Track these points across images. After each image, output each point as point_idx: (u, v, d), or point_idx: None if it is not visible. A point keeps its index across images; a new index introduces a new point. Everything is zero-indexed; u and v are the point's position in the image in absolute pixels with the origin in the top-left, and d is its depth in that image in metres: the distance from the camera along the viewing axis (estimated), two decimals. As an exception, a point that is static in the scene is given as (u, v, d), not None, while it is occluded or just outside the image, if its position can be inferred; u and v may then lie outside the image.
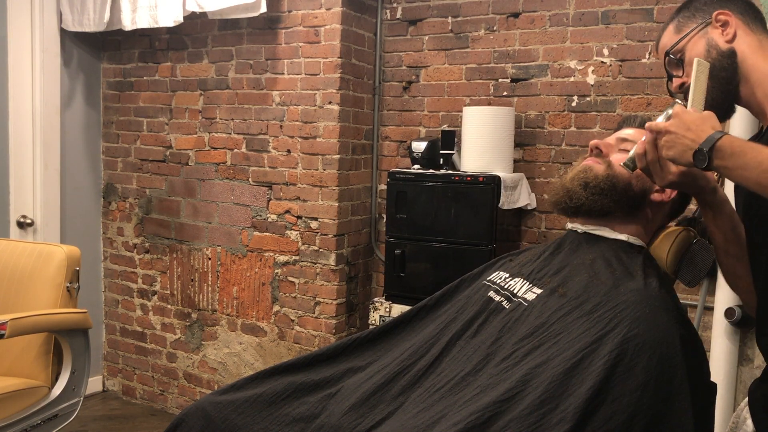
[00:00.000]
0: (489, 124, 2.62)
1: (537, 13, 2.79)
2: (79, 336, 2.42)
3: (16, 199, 3.33)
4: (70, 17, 3.30)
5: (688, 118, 1.12)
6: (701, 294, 2.51)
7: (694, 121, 1.11)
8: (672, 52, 1.28)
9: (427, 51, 3.03)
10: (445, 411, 1.15)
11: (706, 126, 1.10)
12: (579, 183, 1.36)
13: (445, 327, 1.39)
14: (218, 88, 3.23)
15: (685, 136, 1.11)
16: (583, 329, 1.15)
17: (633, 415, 1.05)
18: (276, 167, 3.09)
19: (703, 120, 1.11)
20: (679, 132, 1.11)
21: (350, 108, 2.98)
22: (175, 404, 3.46)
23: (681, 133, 1.11)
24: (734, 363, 2.43)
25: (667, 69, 1.31)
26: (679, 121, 1.12)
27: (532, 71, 2.81)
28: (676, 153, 1.12)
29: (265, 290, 3.16)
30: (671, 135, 1.13)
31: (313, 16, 2.93)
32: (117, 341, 3.65)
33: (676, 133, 1.12)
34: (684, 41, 1.27)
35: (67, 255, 2.46)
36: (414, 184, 2.68)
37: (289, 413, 1.31)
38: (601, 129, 2.69)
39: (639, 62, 2.61)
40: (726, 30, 1.23)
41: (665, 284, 1.28)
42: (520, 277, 1.38)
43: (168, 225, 3.43)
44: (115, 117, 3.58)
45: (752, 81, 1.22)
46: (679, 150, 1.11)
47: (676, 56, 1.28)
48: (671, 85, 1.31)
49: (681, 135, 1.11)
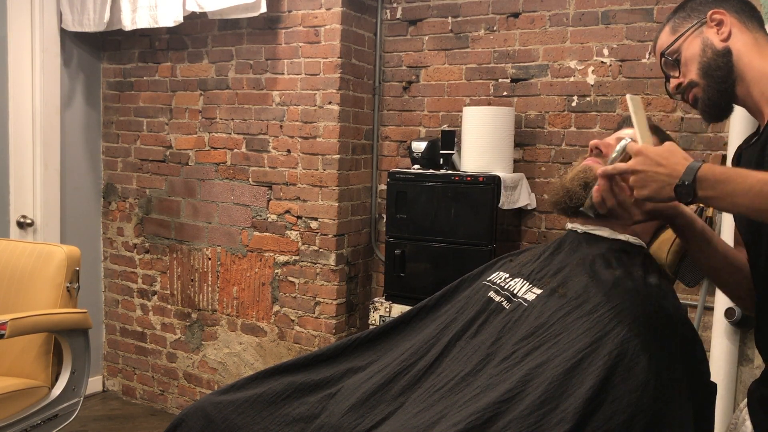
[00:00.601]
0: (489, 124, 2.62)
1: (537, 13, 2.79)
2: (79, 336, 2.42)
3: (16, 199, 3.33)
4: (70, 17, 3.30)
5: (654, 153, 1.07)
6: (701, 294, 2.51)
7: (661, 154, 1.06)
8: (668, 53, 1.28)
9: (427, 51, 3.03)
10: (445, 411, 1.15)
11: (678, 157, 1.05)
12: (579, 183, 1.36)
13: (446, 327, 1.39)
14: (218, 88, 3.23)
15: (657, 172, 1.05)
16: (583, 329, 1.15)
17: (633, 415, 1.05)
18: (276, 167, 3.09)
19: (671, 152, 1.07)
20: (650, 169, 1.06)
21: (350, 108, 2.98)
22: (175, 404, 3.46)
23: (652, 170, 1.06)
24: (734, 363, 2.43)
25: (664, 70, 1.30)
26: (644, 158, 1.07)
27: (532, 71, 2.81)
28: (652, 191, 1.07)
29: (265, 290, 3.16)
30: (641, 174, 1.07)
31: (313, 16, 2.93)
32: (117, 341, 3.65)
33: (646, 171, 1.06)
34: (680, 41, 1.26)
35: (67, 255, 2.46)
36: (414, 184, 2.68)
37: (289, 413, 1.31)
38: (601, 129, 2.69)
39: (639, 62, 2.61)
40: (721, 29, 1.22)
41: (665, 284, 1.28)
42: (520, 277, 1.38)
43: (168, 225, 3.43)
44: (115, 117, 3.58)
45: (748, 79, 1.21)
46: (655, 188, 1.06)
47: (672, 57, 1.27)
48: (669, 86, 1.30)
49: (653, 172, 1.06)
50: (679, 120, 2.56)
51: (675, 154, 1.06)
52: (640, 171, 1.07)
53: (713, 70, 1.21)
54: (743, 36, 1.22)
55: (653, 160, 1.06)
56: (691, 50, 1.24)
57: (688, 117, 2.54)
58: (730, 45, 1.21)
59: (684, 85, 1.26)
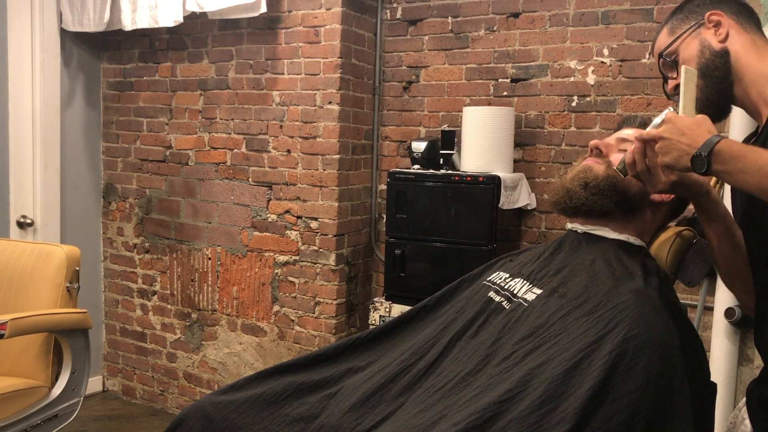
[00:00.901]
0: (489, 124, 2.62)
1: (537, 13, 2.79)
2: (79, 336, 2.42)
3: (16, 199, 3.33)
4: (70, 17, 3.30)
5: (681, 123, 1.11)
6: (701, 294, 2.51)
7: (688, 125, 1.10)
8: (666, 53, 1.28)
9: (427, 51, 3.03)
10: (445, 411, 1.15)
11: (702, 130, 1.09)
12: (579, 183, 1.36)
13: (446, 327, 1.39)
14: (218, 88, 3.23)
15: (680, 141, 1.09)
16: (583, 329, 1.15)
17: (633, 416, 1.05)
18: (276, 167, 3.09)
19: (698, 124, 1.10)
20: (674, 138, 1.10)
21: (350, 108, 2.98)
22: (175, 404, 3.46)
23: (675, 138, 1.10)
24: (734, 363, 2.43)
25: (662, 71, 1.31)
26: (672, 126, 1.11)
27: (532, 71, 2.81)
28: (672, 159, 1.11)
29: (265, 290, 3.16)
30: (665, 141, 1.11)
31: (313, 16, 2.93)
32: (117, 341, 3.65)
33: (670, 139, 1.10)
34: (677, 42, 1.27)
35: (67, 255, 2.46)
36: (414, 184, 2.68)
37: (289, 413, 1.31)
38: (601, 129, 2.69)
39: (639, 62, 2.61)
40: (719, 30, 1.23)
41: (665, 284, 1.28)
42: (520, 277, 1.38)
43: (168, 225, 3.44)
44: (115, 117, 3.58)
45: (746, 81, 1.21)
46: (675, 156, 1.10)
47: (670, 58, 1.28)
48: (667, 87, 1.31)
49: (676, 141, 1.10)
50: (679, 120, 2.56)
51: (701, 126, 1.10)
52: (665, 138, 1.11)
53: (711, 70, 1.22)
54: (741, 37, 1.23)
55: (679, 129, 1.10)
56: (689, 51, 1.25)
57: (688, 117, 2.54)
58: (727, 46, 1.22)
59: None
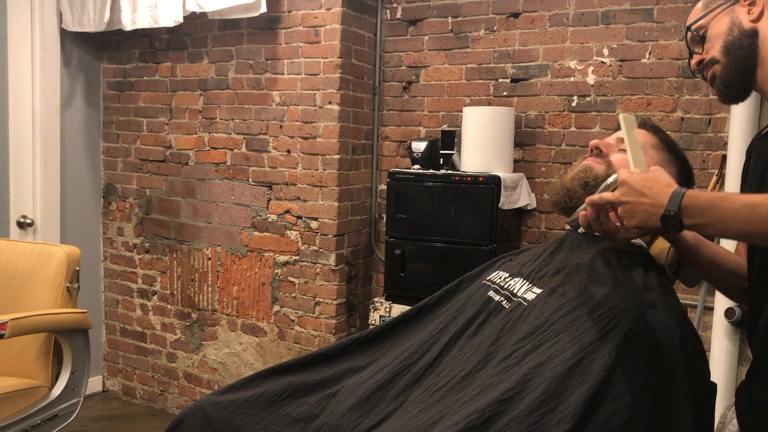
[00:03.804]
0: (489, 124, 2.62)
1: (537, 13, 2.79)
2: (79, 336, 2.42)
3: (16, 199, 3.33)
4: (70, 17, 3.30)
5: (637, 184, 1.05)
6: (701, 294, 2.51)
7: (645, 183, 1.04)
8: (694, 27, 1.23)
9: (427, 51, 3.03)
10: (445, 411, 1.15)
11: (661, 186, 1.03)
12: (579, 183, 1.36)
13: (445, 327, 1.39)
14: (218, 88, 3.23)
15: (641, 203, 1.04)
16: (583, 329, 1.15)
17: (633, 416, 1.05)
18: (276, 167, 3.09)
19: (655, 180, 1.04)
20: (634, 200, 1.05)
21: (350, 108, 2.98)
22: (175, 404, 3.46)
23: (636, 200, 1.04)
24: (734, 363, 2.43)
25: (689, 45, 1.25)
26: (628, 188, 1.06)
27: (532, 71, 2.81)
28: (639, 222, 1.05)
29: (265, 290, 3.16)
30: (627, 205, 1.06)
31: (313, 16, 2.93)
32: (117, 341, 3.65)
33: (631, 203, 1.05)
34: (709, 17, 1.22)
35: (67, 255, 2.46)
36: (414, 184, 2.68)
37: (289, 413, 1.31)
38: (601, 129, 2.69)
39: (639, 62, 2.61)
40: (753, 9, 1.18)
41: (665, 284, 1.28)
42: (519, 276, 1.38)
43: (168, 225, 3.44)
44: (115, 117, 3.58)
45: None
46: (642, 218, 1.05)
47: (699, 33, 1.23)
48: (692, 61, 1.26)
49: (637, 203, 1.04)
50: (679, 120, 2.56)
51: (659, 182, 1.04)
52: (625, 202, 1.06)
53: (736, 49, 1.18)
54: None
55: (637, 190, 1.05)
56: (718, 27, 1.21)
57: (688, 117, 2.54)
58: (758, 26, 1.17)
59: (705, 62, 1.23)
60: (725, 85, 1.20)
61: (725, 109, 2.45)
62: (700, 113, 2.53)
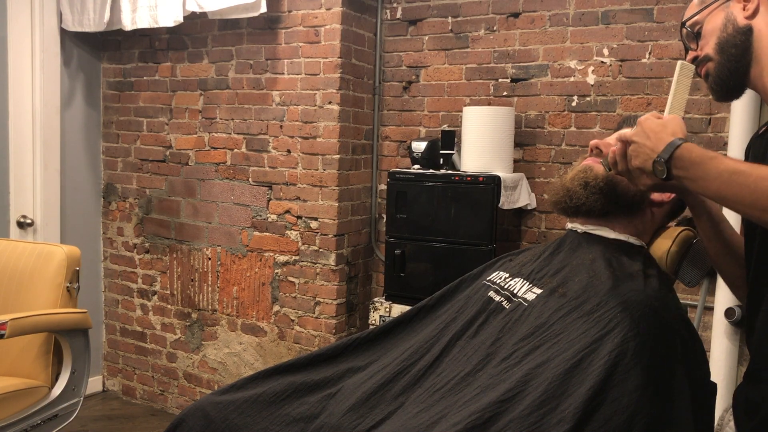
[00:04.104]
0: (489, 124, 2.62)
1: (537, 13, 2.79)
2: (79, 336, 2.42)
3: (16, 199, 3.33)
4: (70, 17, 3.30)
5: (648, 126, 1.08)
6: (701, 294, 2.51)
7: (654, 128, 1.07)
8: (689, 23, 1.23)
9: (427, 51, 3.03)
10: (445, 411, 1.15)
11: (665, 133, 1.05)
12: (579, 183, 1.36)
13: (445, 327, 1.39)
14: (218, 88, 3.23)
15: (645, 144, 1.07)
16: (583, 329, 1.15)
17: (633, 416, 1.05)
18: (276, 167, 3.09)
19: (663, 126, 1.07)
20: (640, 141, 1.08)
21: (350, 108, 2.98)
22: (175, 404, 3.46)
23: (642, 141, 1.08)
24: (734, 363, 2.43)
25: (684, 41, 1.25)
26: (640, 129, 1.09)
27: (532, 71, 2.81)
28: (640, 162, 1.08)
29: (265, 290, 3.16)
30: (635, 145, 1.09)
31: (313, 16, 2.93)
32: (117, 341, 3.65)
33: (638, 143, 1.08)
34: (704, 13, 1.21)
35: (67, 255, 2.46)
36: (414, 184, 2.68)
37: (289, 413, 1.31)
38: (601, 129, 2.69)
39: (639, 62, 2.61)
40: (747, 5, 1.17)
41: (665, 284, 1.28)
42: (520, 277, 1.38)
43: (168, 225, 3.44)
44: (115, 117, 3.58)
45: (763, 62, 1.15)
46: (643, 159, 1.08)
47: (693, 29, 1.22)
48: (687, 58, 1.26)
49: (642, 144, 1.07)
50: (679, 120, 2.56)
51: (665, 129, 1.06)
52: (634, 141, 1.09)
53: (729, 47, 1.17)
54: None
55: (645, 132, 1.08)
56: (712, 23, 1.20)
57: (688, 117, 2.54)
58: (753, 23, 1.16)
59: (699, 59, 1.22)
60: (718, 83, 1.19)
61: (725, 108, 2.45)
62: (700, 113, 2.53)
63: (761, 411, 1.14)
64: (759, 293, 1.17)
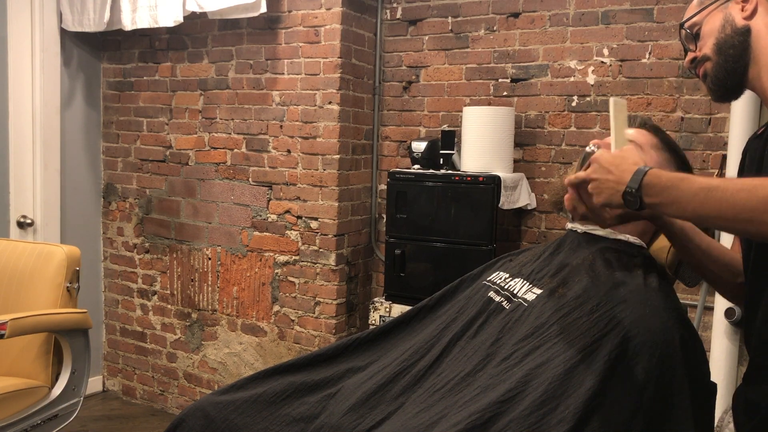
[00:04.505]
0: (489, 124, 2.62)
1: (537, 13, 2.79)
2: (79, 336, 2.42)
3: (16, 199, 3.33)
4: (70, 17, 3.30)
5: (606, 160, 1.08)
6: (701, 294, 2.51)
7: (613, 161, 1.07)
8: (687, 24, 1.23)
9: (427, 51, 3.03)
10: (445, 411, 1.15)
11: (627, 164, 1.05)
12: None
13: (446, 327, 1.39)
14: (218, 88, 3.23)
15: (607, 179, 1.06)
16: (583, 330, 1.15)
17: (633, 416, 1.05)
18: (276, 167, 3.09)
19: (622, 158, 1.06)
20: (601, 177, 1.07)
21: (350, 108, 2.98)
22: (175, 404, 3.46)
23: (603, 177, 1.07)
24: (734, 363, 2.43)
25: (683, 42, 1.25)
26: (597, 165, 1.09)
27: (532, 71, 2.81)
28: (605, 198, 1.08)
29: (265, 290, 3.16)
30: (595, 182, 1.08)
31: (313, 16, 2.93)
32: (117, 341, 3.65)
33: (598, 179, 1.08)
34: (702, 14, 1.21)
35: (67, 255, 2.46)
36: (414, 184, 2.68)
37: (289, 413, 1.31)
38: (601, 129, 2.69)
39: (639, 62, 2.61)
40: (746, 6, 1.16)
41: (665, 284, 1.28)
42: (520, 277, 1.38)
43: (168, 225, 3.44)
44: (115, 117, 3.58)
45: (761, 63, 1.15)
46: (608, 195, 1.07)
47: (693, 30, 1.22)
48: (686, 59, 1.26)
49: (603, 179, 1.07)
50: (679, 120, 2.56)
51: (626, 160, 1.06)
52: (594, 179, 1.09)
53: (728, 47, 1.17)
54: None
55: (604, 167, 1.07)
56: (711, 24, 1.19)
57: (688, 117, 2.54)
58: (751, 24, 1.16)
59: (698, 60, 1.22)
60: (716, 83, 1.19)
61: (725, 108, 2.45)
62: (700, 113, 2.53)
63: (761, 412, 1.15)
64: (757, 296, 1.17)
